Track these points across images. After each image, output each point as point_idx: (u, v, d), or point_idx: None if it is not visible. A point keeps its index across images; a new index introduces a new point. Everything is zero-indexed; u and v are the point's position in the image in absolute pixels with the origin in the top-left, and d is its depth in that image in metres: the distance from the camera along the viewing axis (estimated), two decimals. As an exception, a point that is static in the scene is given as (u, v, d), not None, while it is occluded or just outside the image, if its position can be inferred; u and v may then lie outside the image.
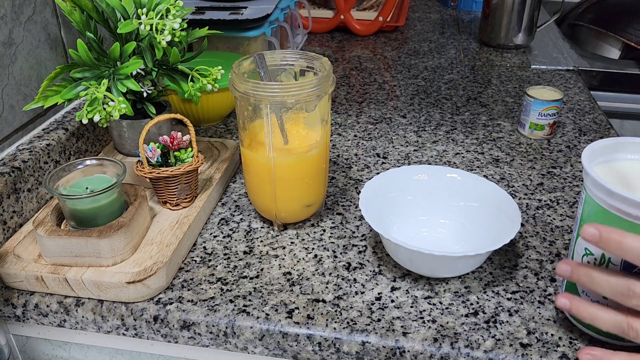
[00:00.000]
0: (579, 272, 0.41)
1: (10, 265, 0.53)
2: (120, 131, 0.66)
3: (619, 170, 0.47)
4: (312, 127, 0.59)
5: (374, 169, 0.75)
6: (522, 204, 0.67)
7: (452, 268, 0.53)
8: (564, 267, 0.42)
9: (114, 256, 0.53)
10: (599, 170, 0.46)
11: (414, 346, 0.48)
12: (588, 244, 0.43)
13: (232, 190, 0.70)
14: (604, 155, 0.48)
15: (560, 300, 0.43)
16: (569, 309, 0.43)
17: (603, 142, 0.47)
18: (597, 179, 0.42)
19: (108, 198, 0.54)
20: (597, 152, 0.47)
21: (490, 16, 1.21)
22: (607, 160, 0.48)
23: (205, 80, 0.63)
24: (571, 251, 0.48)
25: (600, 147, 0.47)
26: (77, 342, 0.58)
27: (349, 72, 1.09)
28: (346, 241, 0.61)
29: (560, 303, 0.43)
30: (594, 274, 0.41)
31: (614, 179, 0.46)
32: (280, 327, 0.50)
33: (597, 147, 0.47)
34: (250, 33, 0.93)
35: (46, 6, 0.66)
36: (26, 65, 0.63)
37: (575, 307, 0.42)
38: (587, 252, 0.45)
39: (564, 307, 0.43)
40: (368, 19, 1.31)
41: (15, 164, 0.58)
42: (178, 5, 0.58)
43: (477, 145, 0.81)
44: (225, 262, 0.57)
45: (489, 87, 1.02)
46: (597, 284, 0.40)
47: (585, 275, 0.41)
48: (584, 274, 0.41)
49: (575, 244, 0.47)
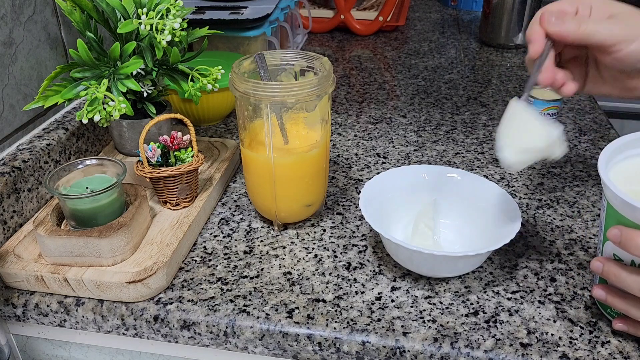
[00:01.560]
0: (608, 270, 0.45)
1: (11, 265, 0.53)
2: (120, 131, 0.66)
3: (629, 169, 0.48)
4: (312, 127, 0.59)
5: (374, 168, 0.75)
6: (522, 204, 0.67)
7: (452, 268, 0.53)
8: (596, 264, 0.46)
9: (114, 256, 0.53)
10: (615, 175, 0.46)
11: (414, 346, 0.48)
12: (616, 250, 0.45)
13: (232, 190, 0.70)
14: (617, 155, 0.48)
15: (596, 292, 0.47)
16: (604, 299, 0.47)
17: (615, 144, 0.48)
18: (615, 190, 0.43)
19: (108, 198, 0.54)
20: (611, 156, 0.47)
21: (490, 16, 1.21)
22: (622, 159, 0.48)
23: (206, 80, 0.63)
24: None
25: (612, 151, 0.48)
26: (77, 341, 0.58)
27: (349, 72, 1.09)
28: (346, 241, 0.61)
29: (596, 294, 0.47)
30: (622, 275, 0.44)
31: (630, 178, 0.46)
32: (281, 327, 0.50)
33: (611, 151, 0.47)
34: (250, 33, 0.93)
35: (46, 6, 0.66)
36: (26, 65, 0.63)
37: (610, 297, 0.46)
38: (615, 258, 0.46)
39: (600, 298, 0.47)
40: (368, 19, 1.31)
41: (15, 164, 0.58)
42: (178, 5, 0.58)
43: (477, 145, 0.81)
44: (225, 262, 0.58)
45: (489, 86, 1.02)
46: (624, 282, 0.44)
47: (614, 274, 0.44)
48: (613, 272, 0.44)
49: (603, 251, 0.48)
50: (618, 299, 0.46)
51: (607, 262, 0.45)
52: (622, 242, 0.43)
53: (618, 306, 0.46)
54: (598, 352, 0.47)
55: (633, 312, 0.45)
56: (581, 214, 0.65)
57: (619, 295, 0.46)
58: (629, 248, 0.42)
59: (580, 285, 0.54)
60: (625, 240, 0.42)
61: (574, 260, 0.58)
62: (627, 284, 0.43)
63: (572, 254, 0.59)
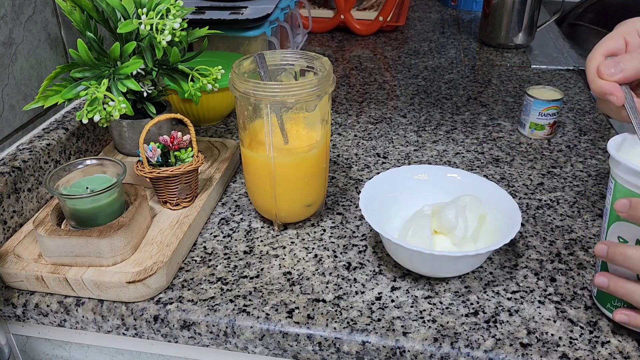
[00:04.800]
0: (614, 251, 0.44)
1: (11, 265, 0.53)
2: (120, 131, 0.66)
3: None
4: (312, 127, 0.59)
5: (374, 168, 0.75)
6: (522, 203, 0.67)
7: (452, 268, 0.53)
8: (601, 247, 0.45)
9: (114, 256, 0.53)
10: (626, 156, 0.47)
11: (414, 346, 0.48)
12: (621, 231, 0.46)
13: (232, 190, 0.70)
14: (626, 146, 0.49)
15: (598, 279, 0.46)
16: (607, 286, 0.46)
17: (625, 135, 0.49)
18: (629, 164, 0.44)
19: (108, 198, 0.54)
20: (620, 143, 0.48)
21: (490, 16, 1.21)
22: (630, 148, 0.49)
23: (206, 80, 0.63)
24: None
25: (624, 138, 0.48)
26: (77, 341, 0.58)
27: (349, 72, 1.09)
28: (346, 241, 0.61)
29: (599, 281, 0.46)
30: (628, 252, 0.43)
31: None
32: (281, 326, 0.50)
33: (621, 139, 0.48)
34: (250, 33, 0.93)
35: (46, 6, 0.66)
36: (26, 65, 0.63)
37: (613, 283, 0.46)
38: (620, 240, 0.46)
39: (602, 285, 0.46)
40: (368, 19, 1.31)
41: (15, 164, 0.58)
42: (178, 5, 0.58)
43: (477, 145, 0.81)
44: (225, 262, 0.58)
45: (489, 86, 1.02)
46: (630, 260, 0.43)
47: (620, 254, 0.44)
48: (619, 251, 0.44)
49: (607, 236, 0.48)
50: (620, 285, 0.45)
51: (612, 244, 0.44)
52: (631, 211, 0.42)
53: (621, 292, 0.45)
54: (598, 352, 0.47)
55: (636, 298, 0.44)
56: (581, 214, 0.65)
57: (621, 281, 0.45)
58: (638, 216, 0.42)
59: (580, 285, 0.54)
60: (635, 207, 0.42)
61: (574, 260, 0.58)
62: (634, 260, 0.43)
63: (572, 254, 0.59)
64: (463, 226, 0.55)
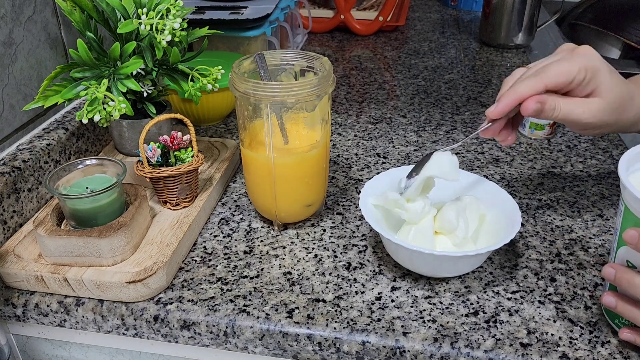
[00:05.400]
0: (621, 277, 0.44)
1: (11, 265, 0.53)
2: (120, 131, 0.66)
3: None
4: (312, 127, 0.59)
5: (374, 168, 0.75)
6: (522, 204, 0.67)
7: (452, 268, 0.53)
8: (609, 270, 0.45)
9: (114, 256, 0.53)
10: (636, 180, 0.45)
11: (414, 346, 0.48)
12: (630, 257, 0.45)
13: (232, 190, 0.70)
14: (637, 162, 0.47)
15: (606, 299, 0.46)
16: (614, 307, 0.46)
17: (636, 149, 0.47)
18: (636, 193, 0.42)
19: (108, 198, 0.54)
20: (633, 160, 0.46)
21: (490, 16, 1.21)
22: None
23: (206, 80, 0.63)
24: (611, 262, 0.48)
25: (633, 155, 0.47)
26: (77, 341, 0.58)
27: (349, 72, 1.09)
28: (346, 241, 0.61)
29: (607, 301, 0.46)
30: (636, 280, 0.43)
31: None
32: (281, 326, 0.50)
33: (633, 155, 0.46)
34: (250, 33, 0.93)
35: (46, 6, 0.66)
36: (26, 65, 0.63)
37: (620, 305, 0.45)
38: (629, 264, 0.45)
39: (610, 305, 0.46)
40: (368, 19, 1.31)
41: (15, 164, 0.58)
42: (178, 5, 0.58)
43: (477, 145, 0.81)
44: (225, 262, 0.58)
45: (489, 86, 1.02)
46: (637, 289, 0.43)
47: (627, 281, 0.44)
48: (626, 279, 0.44)
49: (616, 257, 0.47)
50: (628, 307, 0.45)
51: (620, 269, 0.44)
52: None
53: (628, 314, 0.45)
54: (598, 352, 0.47)
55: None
56: (581, 214, 0.65)
57: (629, 303, 0.45)
58: None
59: (580, 285, 0.54)
60: None
61: (574, 260, 0.58)
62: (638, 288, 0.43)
63: (572, 254, 0.59)
64: (464, 227, 0.55)
